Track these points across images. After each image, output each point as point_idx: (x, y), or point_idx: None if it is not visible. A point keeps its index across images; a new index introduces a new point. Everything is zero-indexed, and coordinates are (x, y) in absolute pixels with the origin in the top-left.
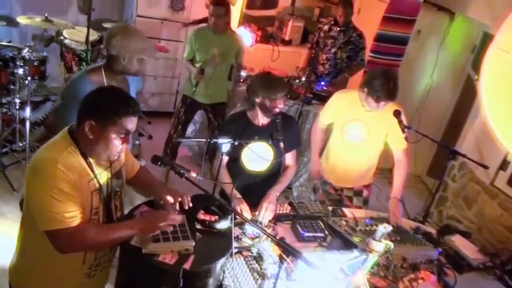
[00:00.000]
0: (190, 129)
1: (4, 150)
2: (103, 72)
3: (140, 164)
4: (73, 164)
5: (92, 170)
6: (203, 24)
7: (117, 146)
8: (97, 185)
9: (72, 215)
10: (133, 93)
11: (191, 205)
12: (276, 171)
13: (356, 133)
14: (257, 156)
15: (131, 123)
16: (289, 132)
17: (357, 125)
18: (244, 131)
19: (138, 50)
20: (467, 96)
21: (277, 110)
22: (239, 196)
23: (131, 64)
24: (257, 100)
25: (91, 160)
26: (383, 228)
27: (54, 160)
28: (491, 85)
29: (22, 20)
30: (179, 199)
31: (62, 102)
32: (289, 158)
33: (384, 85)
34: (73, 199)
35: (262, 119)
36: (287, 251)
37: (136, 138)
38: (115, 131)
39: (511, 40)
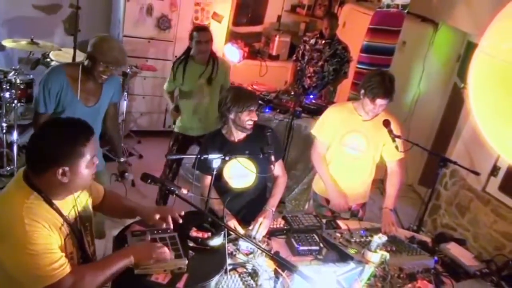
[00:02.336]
0: None
1: None
2: (80, 68)
3: (104, 188)
4: (39, 214)
5: (61, 214)
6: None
7: (90, 173)
8: (68, 229)
9: (60, 264)
10: (105, 101)
11: (180, 221)
12: (263, 186)
13: (355, 145)
14: (240, 173)
15: (93, 144)
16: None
17: (356, 136)
18: (221, 149)
19: (104, 59)
20: (454, 104)
21: (251, 123)
22: (229, 213)
23: (96, 67)
24: (231, 116)
25: (56, 203)
26: (378, 238)
27: (18, 217)
28: (478, 90)
29: (7, 43)
30: (170, 216)
31: (39, 88)
32: (277, 168)
33: (380, 83)
34: (52, 248)
35: (237, 135)
36: (282, 265)
37: (121, 156)
38: (85, 161)
39: (495, 44)
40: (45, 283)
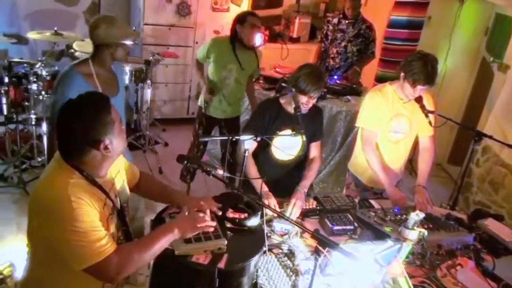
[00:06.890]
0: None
1: (24, 166)
2: (91, 64)
3: (140, 170)
4: (83, 192)
5: (104, 191)
6: (222, 35)
7: (123, 136)
8: (111, 206)
9: (106, 241)
10: (122, 87)
11: (220, 213)
12: (303, 160)
13: (399, 128)
14: (288, 145)
15: (114, 108)
16: (314, 123)
17: (401, 120)
18: (277, 118)
19: (122, 36)
20: (483, 79)
21: (306, 107)
22: (267, 189)
23: (117, 50)
24: (293, 90)
25: (98, 180)
26: (416, 216)
27: (65, 196)
28: None
29: (32, 35)
30: (208, 210)
31: (56, 98)
32: (314, 149)
33: (422, 68)
34: (98, 225)
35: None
36: (323, 243)
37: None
38: (116, 127)
39: None
40: (92, 260)
